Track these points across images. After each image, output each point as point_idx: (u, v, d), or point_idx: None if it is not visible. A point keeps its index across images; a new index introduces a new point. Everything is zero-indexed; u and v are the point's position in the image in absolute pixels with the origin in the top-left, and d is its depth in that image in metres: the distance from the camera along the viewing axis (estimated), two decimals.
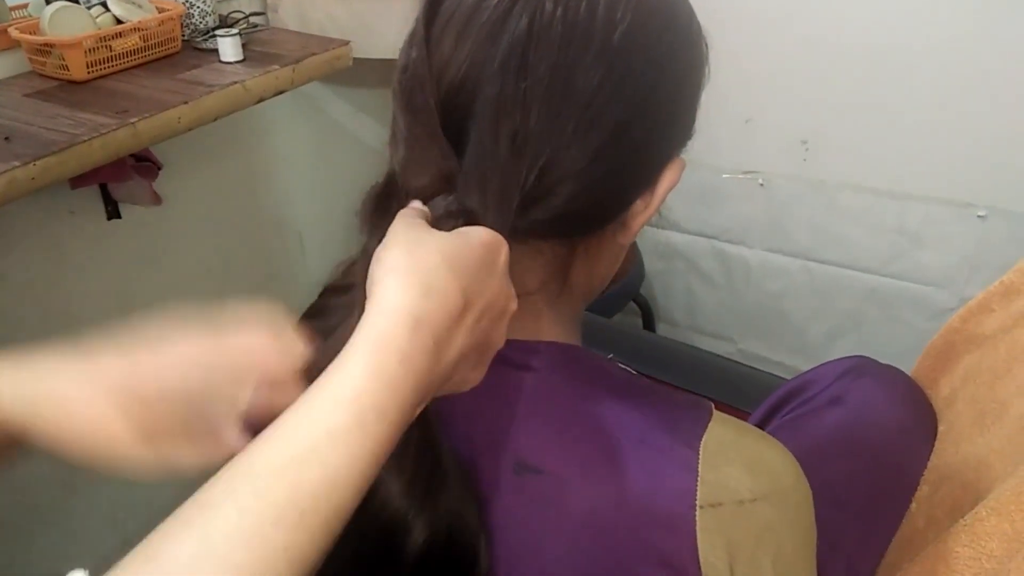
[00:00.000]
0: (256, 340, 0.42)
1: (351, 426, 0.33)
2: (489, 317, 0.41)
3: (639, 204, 0.49)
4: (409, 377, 0.35)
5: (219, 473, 0.33)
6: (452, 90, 0.43)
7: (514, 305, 0.43)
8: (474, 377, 0.42)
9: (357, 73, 1.41)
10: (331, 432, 0.33)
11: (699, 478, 0.44)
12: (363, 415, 0.34)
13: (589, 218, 0.47)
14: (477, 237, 0.40)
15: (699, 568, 0.44)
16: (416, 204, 0.44)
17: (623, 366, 0.53)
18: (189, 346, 0.41)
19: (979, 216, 1.44)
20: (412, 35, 0.46)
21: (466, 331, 0.39)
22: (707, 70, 0.49)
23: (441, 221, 0.43)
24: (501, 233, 0.42)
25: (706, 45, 0.49)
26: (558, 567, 0.46)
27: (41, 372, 0.40)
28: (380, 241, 0.40)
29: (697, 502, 0.44)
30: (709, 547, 0.44)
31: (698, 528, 0.44)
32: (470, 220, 0.42)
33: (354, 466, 0.33)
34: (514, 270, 0.46)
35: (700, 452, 0.45)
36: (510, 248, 0.45)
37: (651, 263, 1.77)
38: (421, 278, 0.37)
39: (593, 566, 0.45)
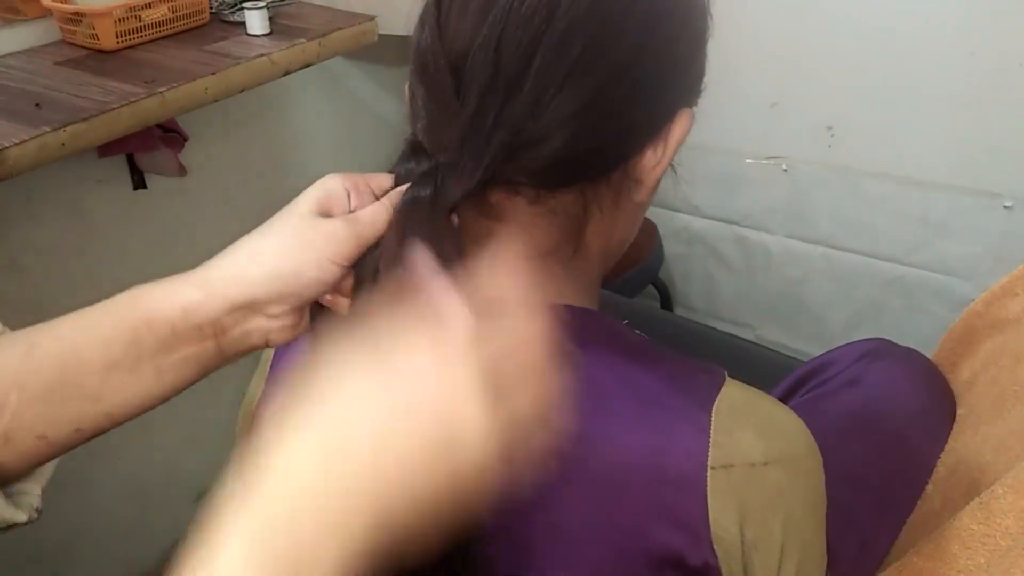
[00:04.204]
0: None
1: None
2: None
3: (650, 157, 0.49)
4: None
5: None
6: (459, 60, 0.45)
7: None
8: None
9: (381, 49, 1.41)
10: None
11: (711, 440, 0.45)
12: None
13: (591, 163, 0.47)
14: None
15: (709, 528, 0.44)
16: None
17: (639, 332, 0.53)
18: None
19: (1006, 207, 1.42)
20: (423, 13, 0.48)
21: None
22: (710, 17, 0.50)
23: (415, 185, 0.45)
24: (475, 177, 0.43)
25: None
26: (569, 524, 0.46)
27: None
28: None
29: (709, 463, 0.44)
30: (720, 508, 0.44)
31: (709, 489, 0.44)
32: (440, 175, 0.44)
33: None
34: (529, 232, 0.49)
35: (713, 415, 0.46)
36: (526, 212, 0.47)
37: (671, 247, 1.76)
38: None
39: (604, 523, 0.46)
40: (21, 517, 0.47)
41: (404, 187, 0.47)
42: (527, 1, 0.43)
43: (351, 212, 0.47)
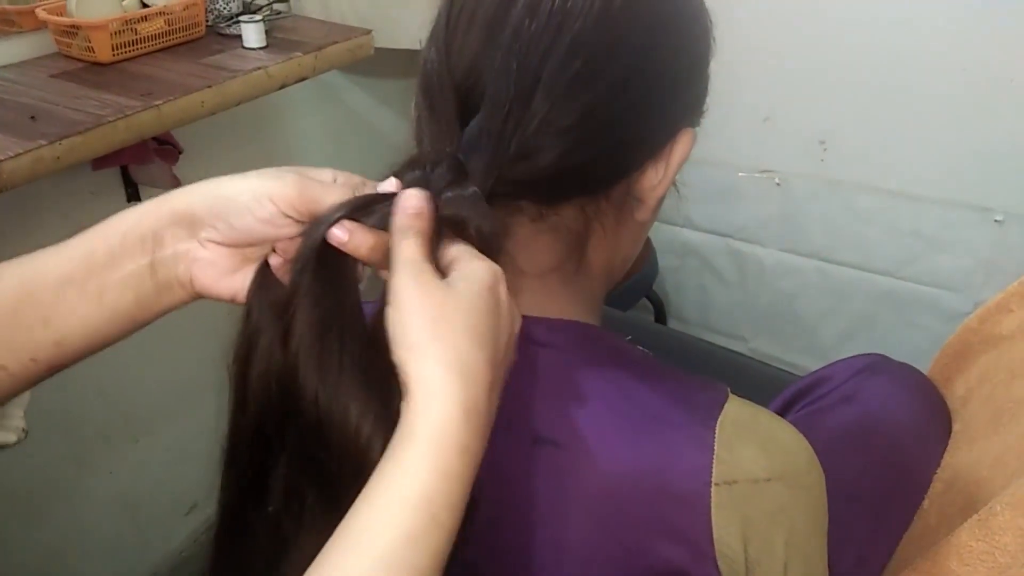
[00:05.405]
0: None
1: (428, 527, 0.36)
2: (507, 345, 0.42)
3: (651, 175, 0.49)
4: (470, 463, 0.38)
5: None
6: (464, 79, 0.45)
7: (519, 322, 0.44)
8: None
9: (377, 63, 1.41)
10: (410, 537, 0.35)
11: (715, 456, 0.45)
12: (436, 515, 0.36)
13: (588, 177, 0.47)
14: (481, 283, 0.41)
15: (712, 544, 0.45)
16: (411, 221, 0.42)
17: (641, 349, 0.54)
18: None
19: (996, 221, 1.43)
20: (433, 30, 0.48)
21: (499, 380, 0.41)
22: (713, 41, 0.50)
23: (440, 196, 0.44)
24: (486, 184, 0.44)
25: (710, 18, 0.50)
26: (573, 540, 0.47)
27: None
28: None
29: (712, 479, 0.45)
30: (723, 524, 0.45)
31: (713, 505, 0.44)
32: (458, 178, 0.44)
33: (436, 558, 0.36)
34: (531, 249, 0.49)
35: (716, 431, 0.46)
36: (528, 229, 0.48)
37: (665, 260, 1.77)
38: (458, 366, 0.38)
39: (608, 539, 0.46)
40: (10, 438, 0.49)
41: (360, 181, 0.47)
42: (536, 21, 0.44)
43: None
